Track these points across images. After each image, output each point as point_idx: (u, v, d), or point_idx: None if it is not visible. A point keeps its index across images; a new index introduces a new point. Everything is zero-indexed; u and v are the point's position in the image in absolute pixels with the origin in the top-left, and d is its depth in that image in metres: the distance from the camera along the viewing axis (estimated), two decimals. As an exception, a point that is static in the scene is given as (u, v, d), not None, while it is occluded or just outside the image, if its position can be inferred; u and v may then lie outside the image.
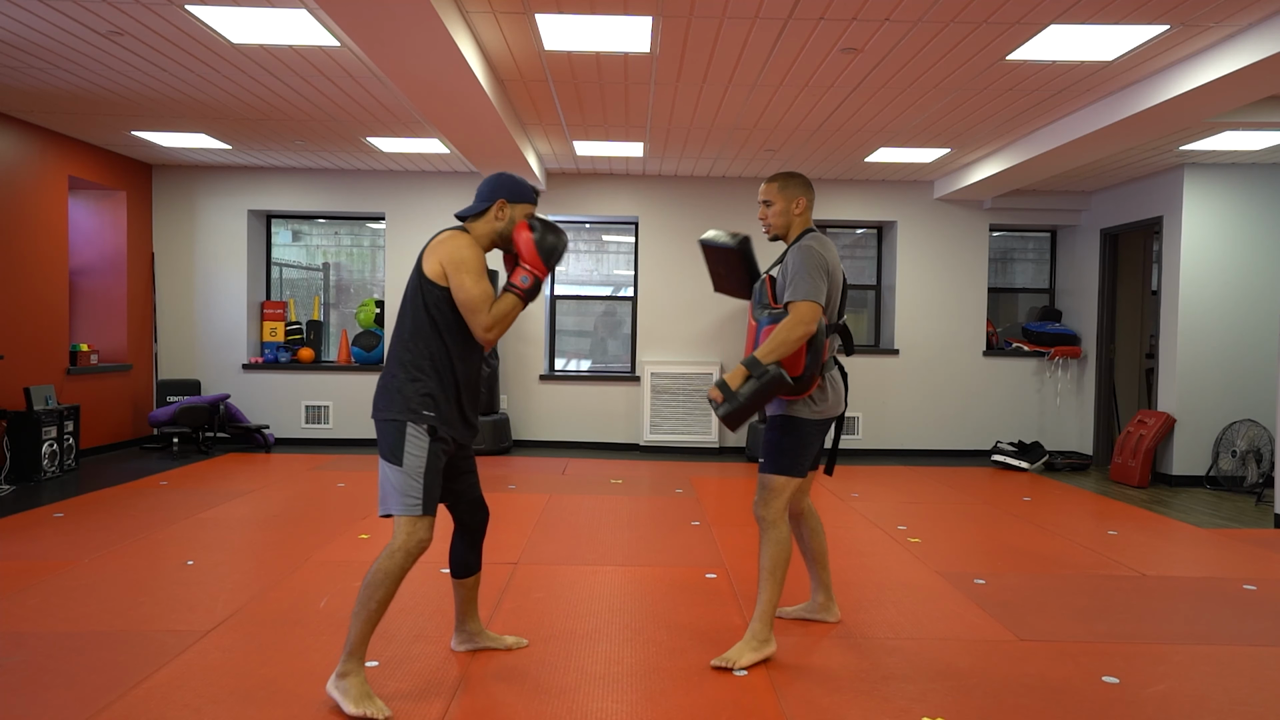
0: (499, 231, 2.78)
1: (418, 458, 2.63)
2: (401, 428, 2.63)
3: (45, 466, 6.29)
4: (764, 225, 3.21)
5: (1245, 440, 6.86)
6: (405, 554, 2.60)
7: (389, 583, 2.59)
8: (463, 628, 3.09)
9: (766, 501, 3.07)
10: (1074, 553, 4.70)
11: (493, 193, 2.77)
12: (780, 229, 3.18)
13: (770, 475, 3.08)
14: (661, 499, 6.01)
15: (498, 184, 2.79)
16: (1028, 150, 6.43)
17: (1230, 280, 7.06)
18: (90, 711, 2.55)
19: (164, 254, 8.28)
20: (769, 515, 3.06)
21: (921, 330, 8.47)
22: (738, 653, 2.98)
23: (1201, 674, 3.03)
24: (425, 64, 4.40)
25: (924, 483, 6.92)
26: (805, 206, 3.17)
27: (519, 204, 2.79)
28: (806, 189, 3.17)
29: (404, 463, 2.62)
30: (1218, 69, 4.40)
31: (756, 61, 4.83)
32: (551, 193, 8.38)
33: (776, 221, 3.17)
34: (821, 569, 3.42)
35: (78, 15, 4.34)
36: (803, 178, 3.19)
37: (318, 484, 6.32)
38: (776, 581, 3.03)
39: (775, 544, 3.04)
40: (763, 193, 3.19)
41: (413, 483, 2.62)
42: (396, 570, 2.60)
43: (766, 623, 3.03)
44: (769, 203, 3.18)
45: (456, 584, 3.02)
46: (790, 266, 3.01)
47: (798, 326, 2.90)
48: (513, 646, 3.12)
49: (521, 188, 2.80)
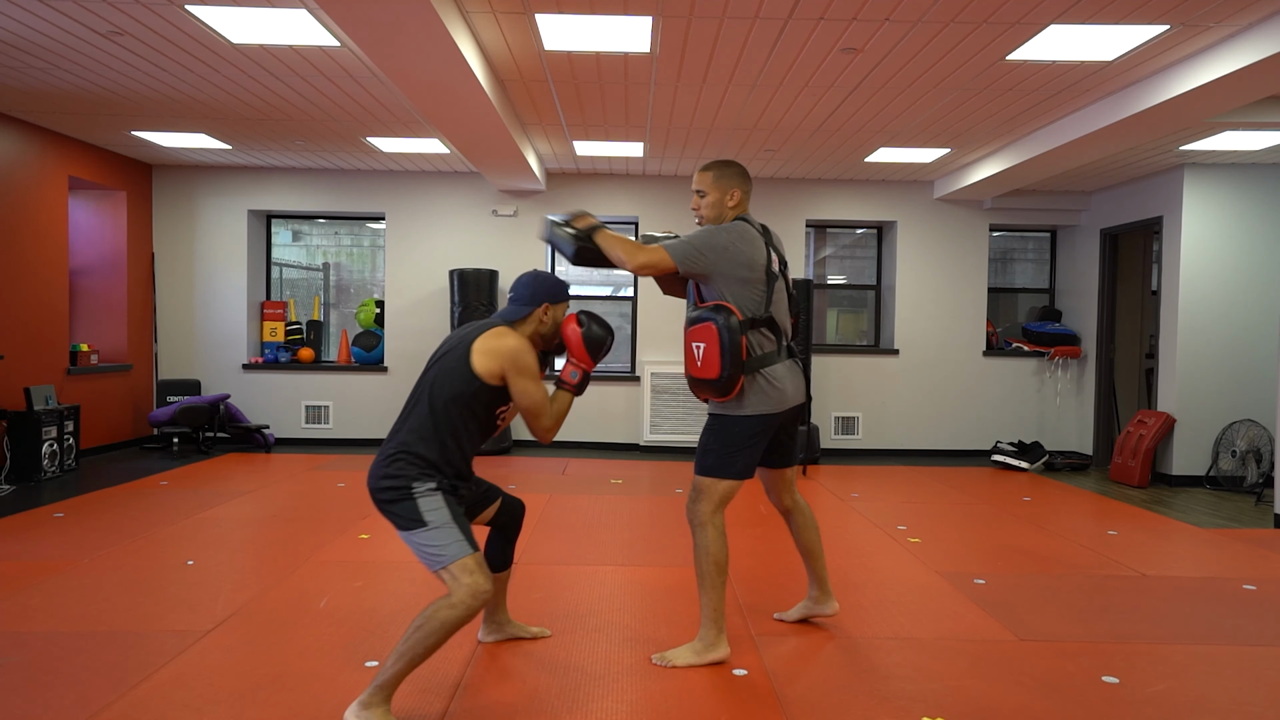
0: (542, 334, 2.83)
1: (438, 511, 2.56)
2: (408, 493, 2.57)
3: (45, 466, 6.29)
4: (695, 215, 3.12)
5: (1245, 440, 6.86)
6: (468, 607, 2.47)
7: (446, 633, 2.46)
8: (492, 618, 3.17)
9: (695, 503, 3.00)
10: (1074, 553, 4.70)
11: (534, 296, 2.80)
12: (713, 220, 3.07)
13: (699, 476, 3.01)
14: (661, 499, 6.01)
15: (538, 287, 2.81)
16: (1028, 150, 6.43)
17: (1230, 280, 7.06)
18: (90, 711, 2.55)
19: (164, 254, 8.28)
20: (697, 517, 2.98)
21: (921, 330, 8.47)
22: (677, 654, 2.98)
23: (1201, 674, 3.03)
24: (425, 64, 4.41)
25: (924, 483, 6.92)
26: (740, 199, 3.06)
27: (559, 304, 2.85)
28: (742, 180, 3.07)
29: (428, 521, 2.55)
30: (1218, 69, 4.40)
31: (756, 61, 4.83)
32: (551, 193, 8.38)
33: (709, 213, 3.07)
34: (815, 561, 3.33)
35: (78, 15, 4.34)
36: (739, 167, 3.08)
37: (318, 484, 6.32)
38: (712, 585, 2.95)
39: (703, 549, 2.96)
40: (696, 181, 3.09)
41: (448, 530, 2.54)
42: (456, 623, 2.47)
43: (712, 627, 2.97)
44: (702, 192, 3.07)
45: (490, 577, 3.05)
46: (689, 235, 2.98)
47: (626, 251, 2.94)
48: (537, 635, 3.22)
49: (560, 288, 2.85)
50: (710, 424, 3.04)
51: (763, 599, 3.73)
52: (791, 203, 8.40)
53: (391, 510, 2.59)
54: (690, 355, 3.00)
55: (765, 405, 2.97)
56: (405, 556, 4.33)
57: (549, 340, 2.85)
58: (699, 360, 2.95)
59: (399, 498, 2.58)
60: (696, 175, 3.09)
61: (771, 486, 3.29)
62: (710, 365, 2.90)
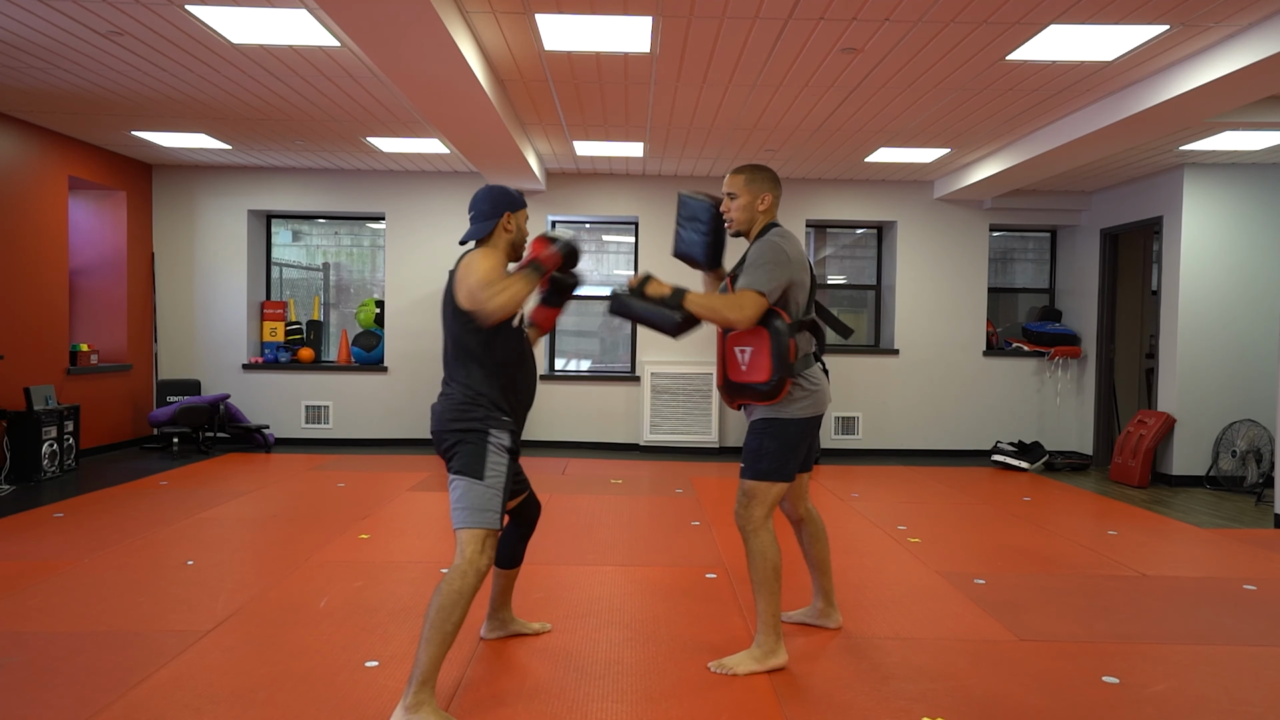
0: (513, 242, 2.84)
1: (498, 473, 2.62)
2: (483, 438, 2.62)
3: (45, 466, 6.29)
4: (725, 219, 3.08)
5: (1245, 440, 6.86)
6: (477, 575, 2.54)
7: (463, 604, 2.51)
8: (496, 615, 3.20)
9: (747, 508, 2.95)
10: (1074, 553, 4.70)
11: (495, 208, 2.80)
12: (743, 224, 3.05)
13: (751, 481, 2.95)
14: (661, 499, 6.01)
15: (497, 198, 2.81)
16: (1028, 150, 6.43)
17: (1230, 280, 7.06)
18: (90, 711, 2.55)
19: (164, 254, 8.28)
20: (750, 523, 2.94)
21: (921, 330, 8.47)
22: (737, 661, 2.93)
23: (1201, 674, 3.03)
24: (425, 64, 4.41)
25: (924, 483, 6.92)
26: (771, 203, 3.05)
27: (519, 211, 2.85)
28: (774, 185, 3.06)
29: (485, 477, 2.59)
30: (1218, 69, 4.40)
31: (756, 61, 4.83)
32: (551, 193, 8.38)
33: (740, 216, 3.04)
34: (823, 575, 3.32)
35: (78, 15, 4.34)
36: (770, 172, 3.07)
37: (318, 484, 6.32)
38: (769, 591, 2.92)
39: (759, 555, 2.92)
40: (728, 184, 3.06)
41: (494, 496, 2.60)
42: (469, 591, 2.52)
43: (770, 633, 2.94)
44: (734, 195, 3.05)
45: (499, 574, 3.12)
46: (752, 256, 2.92)
47: (734, 309, 2.83)
48: (539, 631, 3.25)
49: (515, 197, 2.85)
50: (761, 428, 2.97)
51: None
52: (791, 203, 8.40)
53: (457, 451, 2.63)
54: (732, 359, 2.95)
55: (814, 406, 2.98)
56: (405, 556, 4.33)
57: (519, 250, 2.86)
58: (744, 364, 2.91)
59: (473, 440, 2.62)
60: (728, 178, 3.07)
61: (789, 493, 3.22)
62: (759, 369, 2.87)
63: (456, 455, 2.64)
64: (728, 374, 3.00)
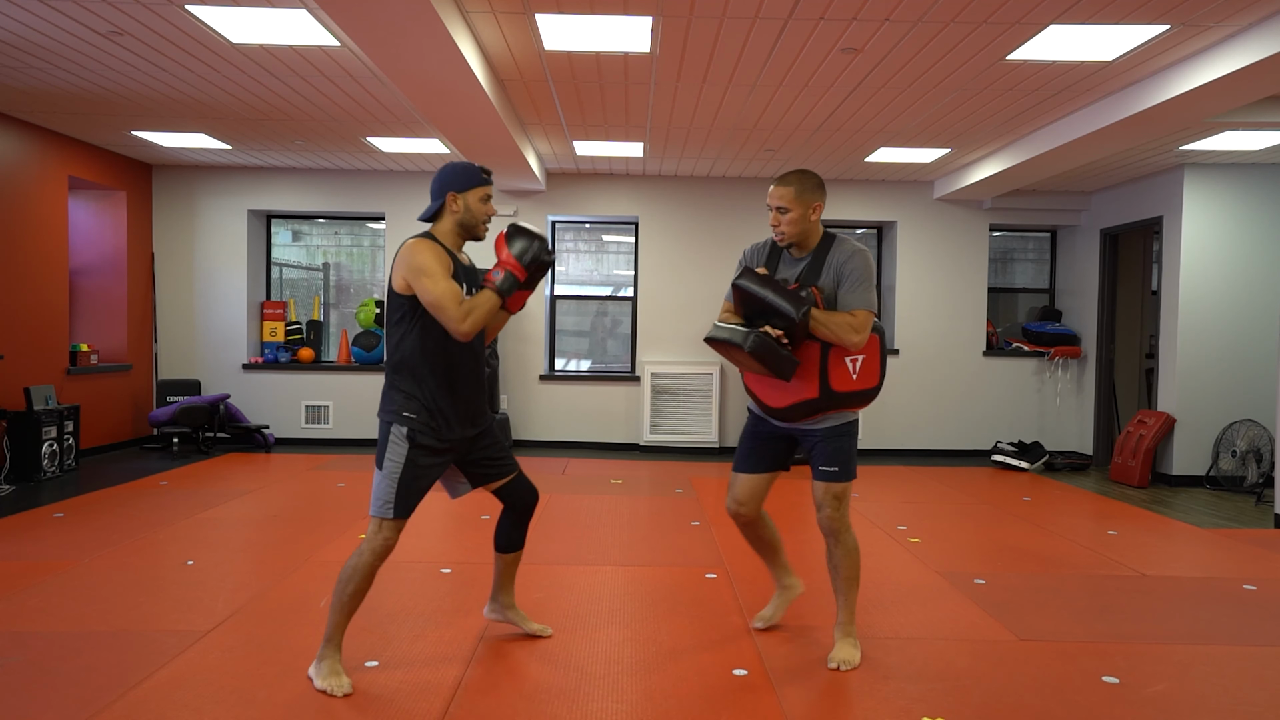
0: (461, 223, 2.86)
1: (395, 463, 2.77)
2: (386, 430, 2.80)
3: (45, 466, 6.29)
4: (776, 233, 2.99)
5: (1245, 440, 6.86)
6: (372, 554, 2.76)
7: (358, 578, 2.76)
8: (496, 598, 3.24)
9: (838, 510, 3.00)
10: (1074, 553, 4.70)
11: (442, 188, 2.84)
12: (796, 237, 2.97)
13: (842, 484, 2.99)
14: (661, 499, 6.01)
15: (443, 178, 2.85)
16: (1028, 150, 6.43)
17: (1230, 280, 7.06)
18: (90, 711, 2.56)
19: (164, 254, 8.28)
20: (842, 524, 3.01)
21: (921, 330, 8.47)
22: (848, 653, 3.02)
23: (1201, 674, 3.03)
24: (425, 64, 4.41)
25: (924, 483, 6.92)
26: (821, 211, 2.98)
27: (470, 190, 2.84)
28: (822, 191, 2.98)
29: (383, 467, 2.79)
30: (1218, 69, 4.40)
31: (756, 61, 4.83)
32: (551, 192, 8.38)
33: (792, 230, 2.95)
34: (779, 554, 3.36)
35: (78, 15, 4.34)
36: (816, 177, 2.99)
37: (318, 484, 6.32)
38: (858, 583, 3.08)
39: (854, 550, 3.04)
40: (777, 198, 2.94)
41: (388, 486, 2.77)
42: (365, 568, 2.76)
43: (853, 621, 3.10)
44: (784, 209, 2.93)
45: (498, 557, 3.17)
46: (852, 272, 2.89)
47: (856, 332, 2.82)
48: (536, 633, 3.24)
49: (466, 175, 2.84)
50: (843, 430, 3.00)
51: (763, 599, 3.73)
52: (791, 203, 8.39)
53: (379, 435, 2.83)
54: (839, 370, 2.89)
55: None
56: (405, 556, 4.33)
57: (471, 229, 2.87)
58: (855, 373, 2.90)
59: (382, 425, 2.82)
60: (775, 190, 2.94)
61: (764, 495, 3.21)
62: (870, 375, 2.92)
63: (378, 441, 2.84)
64: (831, 385, 2.90)
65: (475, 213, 2.85)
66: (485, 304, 2.71)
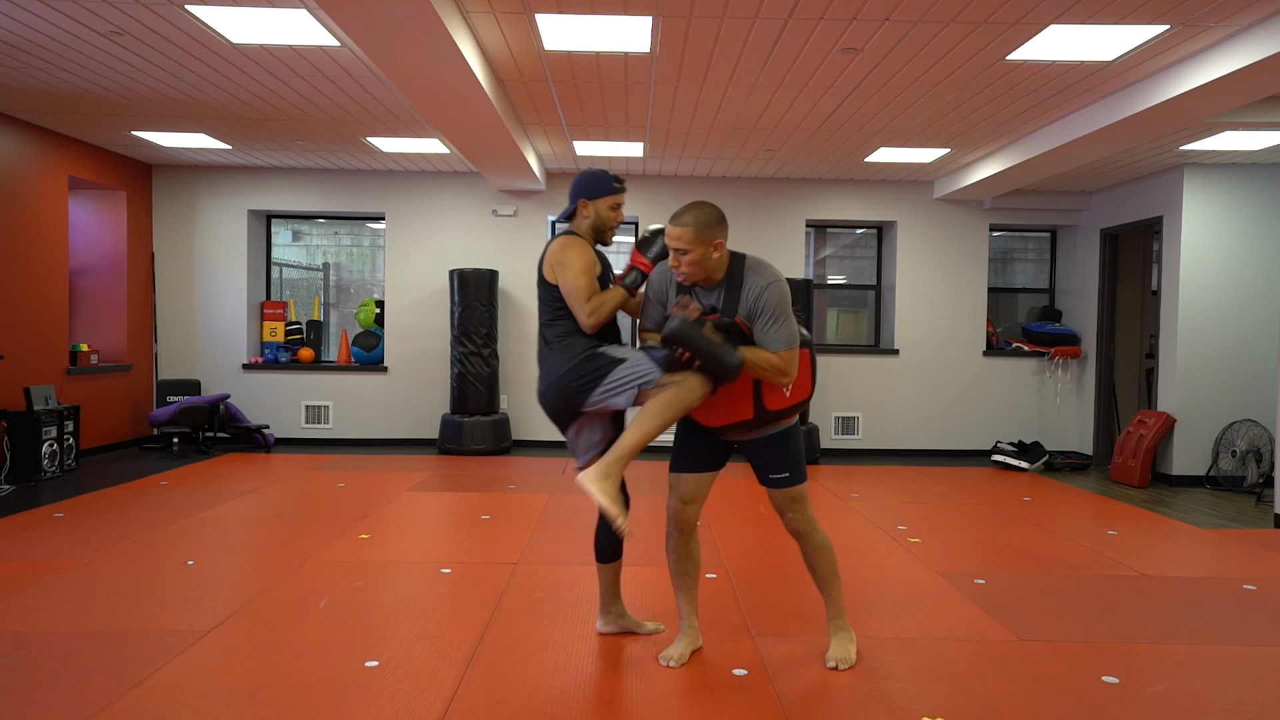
0: (592, 227, 3.06)
1: (625, 349, 2.93)
2: (594, 355, 2.89)
3: (45, 466, 6.29)
4: (678, 274, 2.85)
5: (1245, 440, 6.86)
6: (701, 390, 2.75)
7: (674, 410, 2.74)
8: (608, 610, 3.27)
9: (803, 510, 3.02)
10: (1074, 553, 4.70)
11: (575, 195, 3.06)
12: (698, 276, 2.83)
13: (799, 485, 3.01)
14: (661, 499, 5.96)
15: (579, 185, 3.06)
16: (1028, 150, 6.43)
17: (1230, 280, 7.06)
18: (90, 711, 2.55)
19: (164, 254, 8.28)
20: (809, 523, 3.03)
21: (921, 330, 8.47)
22: (843, 650, 3.03)
23: (1201, 674, 3.03)
24: (425, 64, 4.41)
25: (924, 483, 6.92)
26: (723, 246, 2.83)
27: (601, 198, 3.04)
28: (722, 226, 2.82)
29: (624, 357, 2.87)
30: (1218, 69, 4.40)
31: (756, 61, 4.83)
32: (552, 192, 8.38)
33: (693, 270, 2.81)
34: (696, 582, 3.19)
35: (78, 15, 4.34)
36: (715, 211, 2.82)
37: (318, 484, 6.32)
38: (838, 577, 3.10)
39: (827, 547, 3.07)
40: (674, 239, 2.78)
41: (642, 355, 2.85)
42: (685, 401, 2.74)
43: (844, 615, 3.12)
44: (684, 250, 2.77)
45: (601, 568, 3.21)
46: (765, 306, 2.79)
47: (786, 373, 2.80)
48: (652, 631, 3.30)
49: (599, 183, 3.04)
50: (784, 435, 3.01)
51: (763, 599, 3.74)
52: (791, 203, 8.40)
53: (585, 387, 2.86)
54: (772, 391, 2.87)
55: None
56: (405, 556, 4.33)
57: (600, 234, 3.07)
58: (788, 390, 2.90)
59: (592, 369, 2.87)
60: (673, 230, 2.78)
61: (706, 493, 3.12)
62: (801, 388, 2.94)
63: (587, 392, 2.87)
64: (765, 405, 2.88)
65: (604, 219, 3.05)
66: (612, 299, 2.95)
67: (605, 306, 2.91)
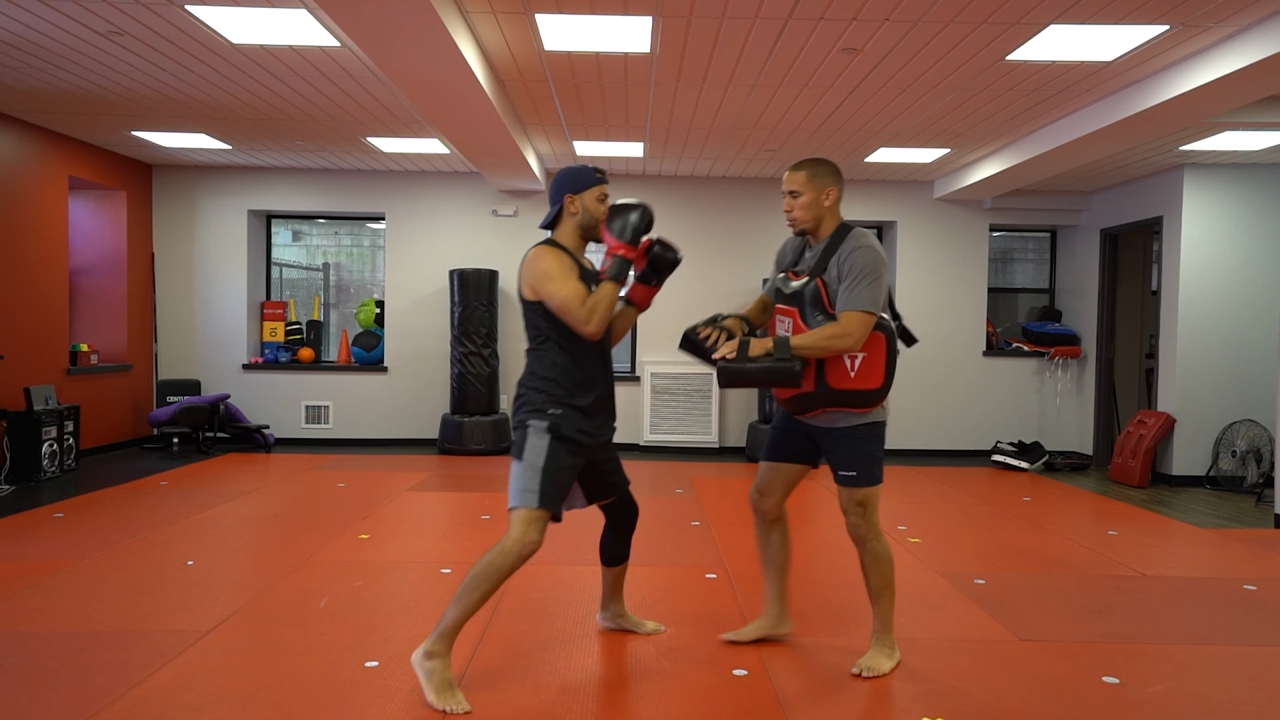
0: (581, 224, 2.88)
1: (537, 453, 2.73)
2: (525, 426, 2.78)
3: (45, 466, 6.29)
4: (788, 218, 2.92)
5: (1245, 440, 6.86)
6: (517, 556, 2.66)
7: (495, 579, 2.65)
8: (607, 608, 3.30)
9: (866, 516, 2.94)
10: (1074, 553, 4.70)
11: (558, 191, 2.88)
12: (808, 222, 2.90)
13: (867, 489, 2.93)
14: (661, 499, 6.01)
15: (559, 182, 2.89)
16: (1028, 150, 6.43)
17: (1230, 280, 7.06)
18: (90, 711, 2.55)
19: (164, 254, 8.28)
20: (871, 530, 2.95)
21: (921, 330, 8.43)
22: (877, 661, 2.95)
23: (1201, 674, 3.03)
24: (425, 64, 4.41)
25: (924, 483, 6.92)
26: (836, 198, 2.90)
27: (585, 191, 2.86)
28: (837, 178, 2.91)
29: (524, 457, 2.74)
30: (1218, 69, 4.40)
31: (756, 61, 4.83)
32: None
33: (803, 215, 2.89)
34: (784, 578, 3.24)
35: (78, 15, 4.34)
36: (833, 165, 2.92)
37: (318, 484, 6.32)
38: (892, 591, 3.00)
39: (885, 558, 2.96)
40: (788, 182, 2.90)
41: (530, 474, 2.71)
42: (506, 569, 2.65)
43: (891, 631, 3.03)
44: (796, 193, 2.88)
45: (605, 570, 3.22)
46: (852, 268, 2.77)
47: (844, 339, 2.72)
48: (652, 631, 3.29)
49: (580, 176, 2.87)
50: (864, 433, 2.93)
51: (763, 599, 3.73)
52: (791, 203, 8.39)
53: (514, 436, 2.81)
54: (836, 366, 2.80)
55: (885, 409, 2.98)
56: (405, 556, 4.33)
57: (590, 231, 2.88)
58: (853, 371, 2.80)
59: (519, 425, 2.79)
60: (788, 175, 2.91)
61: (785, 487, 3.16)
62: (871, 375, 2.81)
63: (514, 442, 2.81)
64: (828, 381, 2.82)
65: (593, 212, 2.86)
66: (604, 297, 2.73)
67: (601, 307, 2.72)
